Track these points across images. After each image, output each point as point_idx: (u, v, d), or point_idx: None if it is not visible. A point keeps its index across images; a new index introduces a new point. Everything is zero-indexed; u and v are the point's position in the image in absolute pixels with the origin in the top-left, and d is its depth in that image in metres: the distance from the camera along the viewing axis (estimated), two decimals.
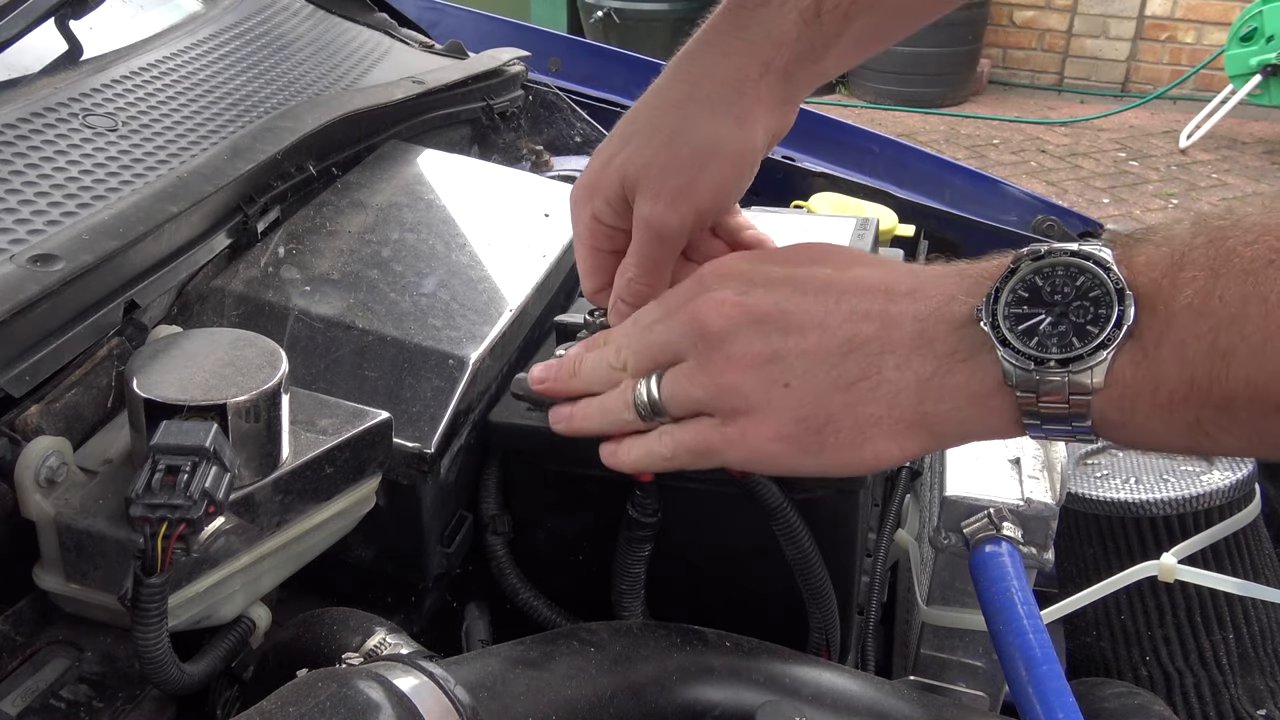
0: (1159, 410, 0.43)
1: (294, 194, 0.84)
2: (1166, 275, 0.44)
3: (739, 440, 0.53)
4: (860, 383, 0.50)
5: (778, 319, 0.52)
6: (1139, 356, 0.44)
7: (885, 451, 0.50)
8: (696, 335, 0.54)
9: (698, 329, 0.54)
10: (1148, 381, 0.44)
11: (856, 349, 0.50)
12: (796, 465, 0.52)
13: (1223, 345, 0.41)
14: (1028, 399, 0.46)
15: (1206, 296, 0.42)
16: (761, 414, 0.52)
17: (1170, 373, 0.43)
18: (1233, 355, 0.41)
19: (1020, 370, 0.46)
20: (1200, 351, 0.42)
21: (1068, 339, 0.45)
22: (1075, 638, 0.96)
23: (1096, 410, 0.45)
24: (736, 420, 0.53)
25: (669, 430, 0.56)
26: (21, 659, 0.57)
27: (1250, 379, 0.41)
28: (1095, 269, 0.46)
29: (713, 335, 0.53)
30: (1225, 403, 0.42)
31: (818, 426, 0.51)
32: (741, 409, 0.52)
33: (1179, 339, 0.43)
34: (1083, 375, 0.44)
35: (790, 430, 0.51)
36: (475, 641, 0.71)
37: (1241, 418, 0.42)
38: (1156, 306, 0.44)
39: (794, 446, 0.52)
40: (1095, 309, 0.45)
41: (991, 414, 0.48)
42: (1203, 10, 5.25)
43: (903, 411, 0.49)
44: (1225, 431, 0.42)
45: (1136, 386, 0.44)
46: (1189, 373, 0.42)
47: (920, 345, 0.49)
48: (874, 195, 1.23)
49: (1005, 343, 0.46)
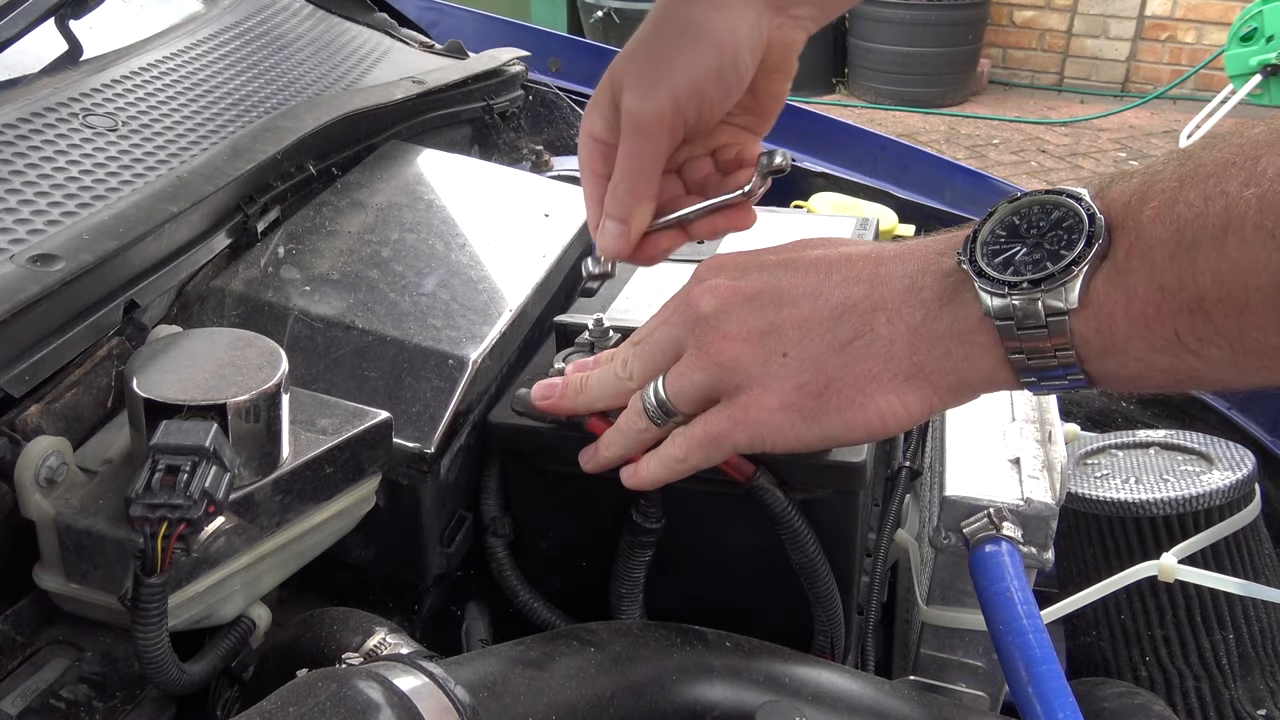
0: (1136, 327, 0.43)
1: (294, 194, 0.84)
2: (1137, 195, 0.44)
3: (743, 417, 0.53)
4: (855, 341, 0.51)
5: (771, 295, 0.53)
6: (1111, 273, 0.44)
7: (889, 408, 0.51)
8: (693, 322, 0.55)
9: (694, 316, 0.55)
10: (1121, 295, 0.44)
11: (849, 310, 0.51)
12: (803, 434, 0.53)
13: (1187, 242, 0.41)
14: (1008, 331, 0.46)
15: (1171, 203, 0.42)
16: (762, 385, 0.52)
17: (1140, 281, 0.43)
18: (1197, 250, 0.41)
19: (996, 296, 0.46)
20: (1166, 255, 0.42)
21: (1041, 264, 0.46)
22: (1075, 638, 0.96)
23: (1078, 336, 0.45)
24: (739, 397, 0.53)
25: (678, 433, 0.56)
26: (21, 659, 0.57)
27: (1216, 273, 0.40)
28: (1068, 201, 0.46)
29: (707, 317, 0.54)
30: (1197, 304, 0.41)
31: (818, 390, 0.51)
32: (743, 384, 0.53)
33: (1146, 246, 0.43)
34: (1055, 297, 0.45)
35: (792, 397, 0.52)
36: (475, 641, 0.71)
37: (1217, 321, 0.41)
38: (1126, 224, 0.44)
39: (798, 414, 0.52)
40: (1068, 235, 0.46)
41: (979, 353, 0.48)
42: (1203, 10, 5.25)
43: (899, 364, 0.50)
44: (1206, 343, 0.42)
45: (1111, 303, 0.44)
46: (1158, 279, 0.42)
47: (909, 297, 0.50)
48: (874, 195, 1.23)
49: (981, 274, 0.47)
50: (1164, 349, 0.43)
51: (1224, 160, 0.41)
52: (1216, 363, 0.43)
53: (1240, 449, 0.93)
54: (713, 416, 0.55)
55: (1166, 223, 0.42)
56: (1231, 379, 0.44)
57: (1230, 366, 0.43)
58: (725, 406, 0.54)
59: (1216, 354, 0.42)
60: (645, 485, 0.59)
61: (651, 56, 0.60)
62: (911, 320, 0.50)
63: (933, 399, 0.51)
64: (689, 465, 0.57)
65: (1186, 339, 0.42)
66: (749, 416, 0.53)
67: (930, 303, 0.50)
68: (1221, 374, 0.43)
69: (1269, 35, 4.47)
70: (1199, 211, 0.41)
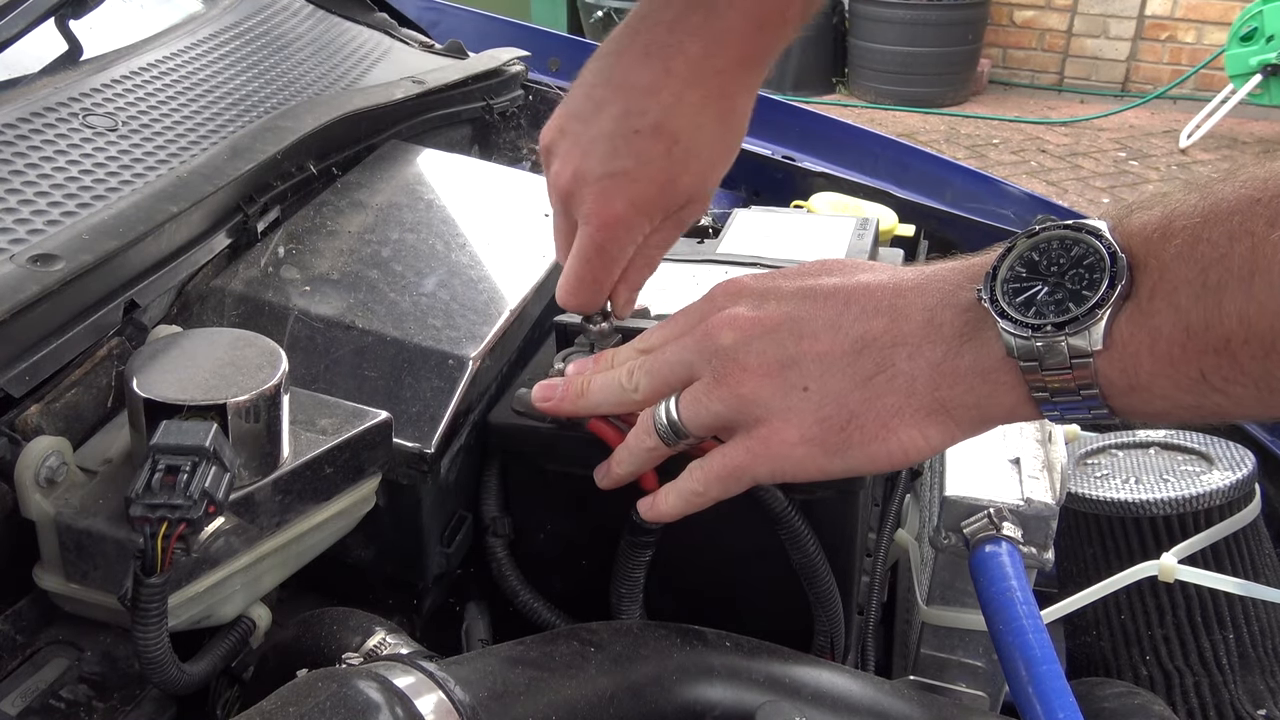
0: (1162, 366, 0.43)
1: (294, 194, 0.84)
2: (1159, 230, 0.44)
3: (763, 451, 0.53)
4: (876, 376, 0.51)
5: (790, 327, 0.53)
6: (1135, 313, 0.44)
7: (911, 442, 0.51)
8: (711, 353, 0.54)
9: (712, 346, 0.54)
10: (1145, 336, 0.43)
11: (869, 344, 0.51)
12: (826, 467, 0.52)
13: (1212, 284, 0.41)
14: (1032, 370, 0.46)
15: (1195, 241, 0.42)
16: (782, 419, 0.52)
17: (1165, 323, 0.43)
18: (1223, 292, 0.41)
19: (1020, 339, 0.46)
20: (1191, 296, 0.42)
21: (1064, 305, 0.46)
22: (1075, 638, 0.96)
23: (1102, 375, 0.45)
24: (758, 430, 0.53)
25: (695, 465, 0.56)
26: (21, 659, 0.57)
27: (1243, 315, 0.40)
28: (1088, 238, 0.46)
29: (727, 350, 0.54)
30: (1223, 345, 0.41)
31: (840, 424, 0.51)
32: (762, 417, 0.53)
33: (1170, 287, 0.43)
34: (1080, 338, 0.45)
35: (814, 431, 0.52)
36: (475, 641, 0.71)
37: (1243, 362, 0.41)
38: (1149, 262, 0.44)
39: (819, 448, 0.52)
40: (1090, 274, 0.45)
41: (1002, 390, 0.48)
42: (1203, 10, 5.25)
43: (921, 399, 0.50)
44: (1232, 382, 0.42)
45: (1135, 344, 0.44)
46: (1184, 320, 0.42)
47: (929, 333, 0.50)
48: (874, 195, 1.23)
49: (1004, 315, 0.47)
50: (1189, 388, 0.43)
51: (1248, 197, 0.41)
52: (1242, 400, 0.43)
53: (1240, 449, 0.93)
54: (732, 450, 0.54)
55: (1190, 262, 0.42)
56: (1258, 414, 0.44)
57: (1256, 403, 0.42)
58: (744, 439, 0.54)
59: (1242, 392, 0.42)
60: (664, 519, 0.59)
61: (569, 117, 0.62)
62: (933, 356, 0.50)
63: (954, 431, 0.51)
64: (708, 498, 0.56)
65: (1212, 378, 0.42)
66: (769, 450, 0.53)
67: (951, 339, 0.49)
68: (1248, 410, 0.43)
69: (1269, 35, 4.48)
70: (1224, 252, 0.41)
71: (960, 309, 0.50)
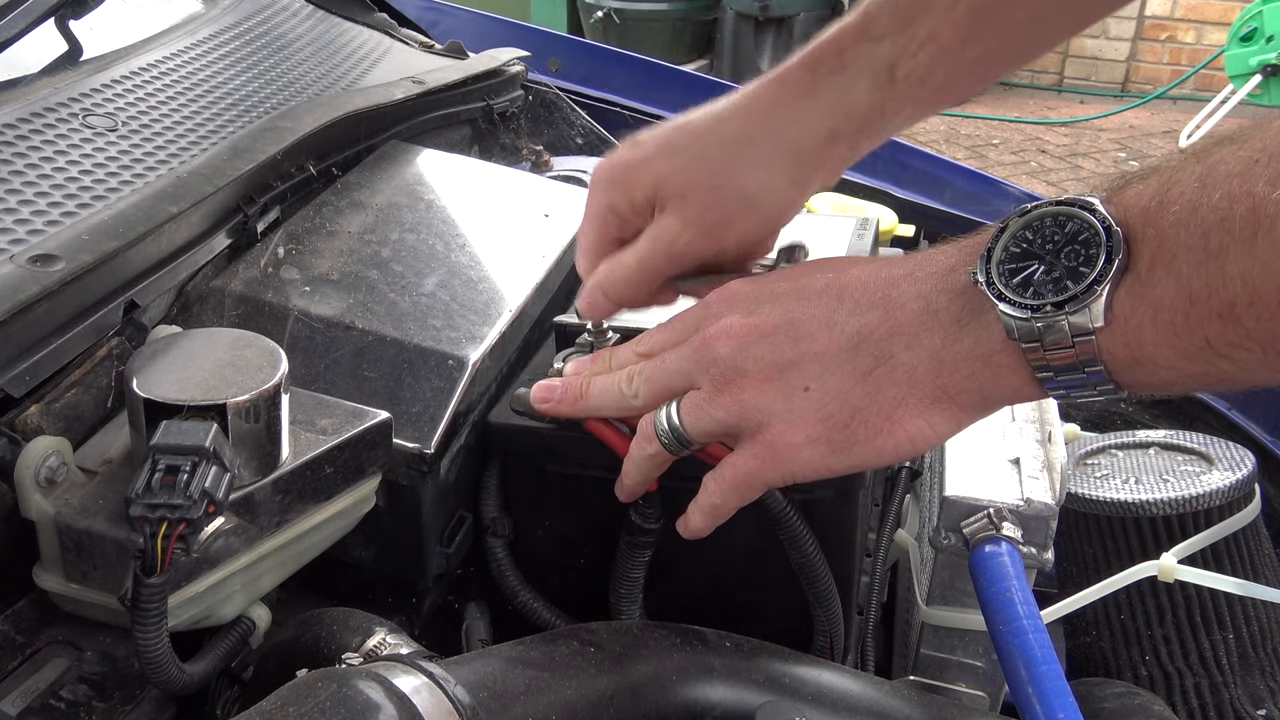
0: (1165, 336, 0.42)
1: (294, 194, 0.84)
2: (1155, 199, 0.43)
3: (769, 455, 0.53)
4: (876, 370, 0.50)
5: (786, 329, 0.53)
6: (1135, 285, 0.43)
7: (918, 432, 0.50)
8: (709, 362, 0.54)
9: (709, 356, 0.54)
10: (1147, 307, 0.43)
11: (866, 339, 0.51)
12: (834, 465, 0.52)
13: (1214, 248, 0.40)
14: (1034, 351, 0.46)
15: (1194, 207, 0.41)
16: (785, 422, 0.52)
17: (1167, 292, 0.42)
18: (1225, 255, 0.40)
19: (1019, 321, 0.46)
20: (1192, 262, 0.41)
21: (1062, 283, 0.45)
22: (1075, 638, 0.96)
23: (1105, 351, 0.44)
24: (763, 435, 0.53)
25: (709, 478, 0.56)
26: (21, 659, 0.57)
27: (1247, 278, 0.39)
28: (1081, 213, 0.46)
29: (724, 359, 0.54)
30: (1227, 310, 0.40)
31: (844, 421, 0.51)
32: (766, 422, 0.52)
33: (1170, 255, 0.42)
34: (1080, 316, 0.44)
35: (818, 431, 0.51)
36: (475, 641, 0.71)
37: (1248, 325, 0.40)
38: (1146, 232, 0.43)
39: (825, 447, 0.52)
40: (1086, 250, 0.45)
41: (1004, 373, 0.48)
42: (1203, 10, 5.25)
43: (923, 389, 0.50)
44: (1237, 347, 0.41)
45: (1138, 316, 0.43)
46: (1186, 287, 0.41)
47: (926, 320, 0.50)
48: (874, 195, 1.23)
49: (1002, 297, 0.46)
50: (1194, 355, 0.42)
51: (1247, 159, 0.40)
52: (1249, 364, 0.42)
53: (1240, 449, 0.93)
54: (740, 458, 0.54)
55: (1190, 228, 0.41)
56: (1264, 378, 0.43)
57: (1263, 367, 0.42)
58: (750, 445, 0.53)
59: (1248, 357, 0.41)
60: (699, 535, 0.59)
61: (712, 207, 0.59)
62: (931, 344, 0.49)
63: (960, 417, 0.50)
64: (727, 508, 0.56)
65: (1217, 344, 0.41)
66: (775, 454, 0.52)
67: (948, 324, 0.49)
68: (1255, 375, 0.42)
69: (1269, 35, 4.47)
70: (1224, 215, 0.40)
71: (955, 293, 0.49)
